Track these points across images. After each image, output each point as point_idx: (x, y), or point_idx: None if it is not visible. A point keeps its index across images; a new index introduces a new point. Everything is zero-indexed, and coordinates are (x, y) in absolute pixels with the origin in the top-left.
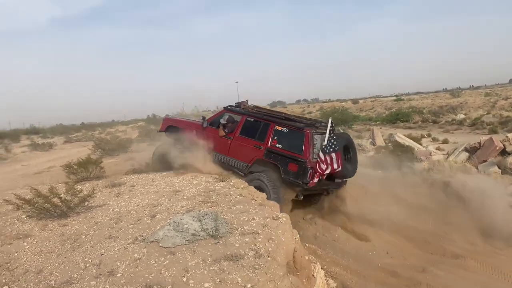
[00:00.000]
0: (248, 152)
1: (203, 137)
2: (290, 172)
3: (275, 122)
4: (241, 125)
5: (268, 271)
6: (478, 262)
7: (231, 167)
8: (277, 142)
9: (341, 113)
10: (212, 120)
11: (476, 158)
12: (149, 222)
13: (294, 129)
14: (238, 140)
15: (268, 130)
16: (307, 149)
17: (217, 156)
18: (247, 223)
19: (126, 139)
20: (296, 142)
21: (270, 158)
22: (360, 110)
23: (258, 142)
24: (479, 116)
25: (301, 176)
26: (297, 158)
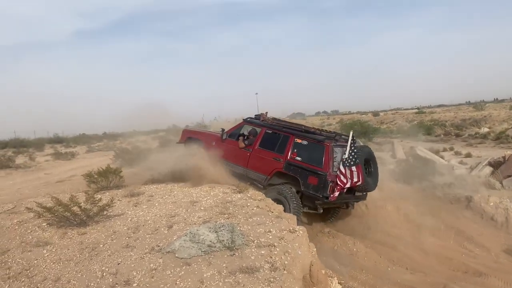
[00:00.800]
0: (267, 164)
1: (222, 148)
2: (310, 185)
3: (294, 134)
4: (261, 137)
5: (283, 284)
6: (502, 280)
7: (250, 179)
8: (297, 154)
9: (361, 125)
10: (231, 132)
11: (500, 172)
12: (166, 233)
13: (314, 142)
14: (257, 152)
15: (287, 142)
16: (327, 162)
17: (236, 168)
18: (264, 235)
19: (146, 149)
20: (316, 155)
21: (290, 171)
22: (381, 122)
23: (277, 155)
24: (504, 129)
25: (321, 189)
26: (317, 171)
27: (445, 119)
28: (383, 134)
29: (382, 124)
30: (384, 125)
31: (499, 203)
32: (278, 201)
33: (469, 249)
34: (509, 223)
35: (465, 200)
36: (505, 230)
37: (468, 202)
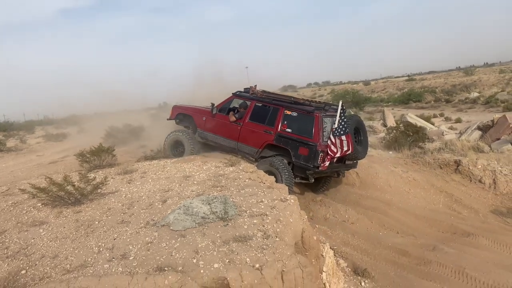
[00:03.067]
0: (258, 137)
1: (213, 123)
2: (301, 156)
3: (284, 106)
4: (251, 111)
5: (276, 251)
6: (490, 239)
7: (241, 152)
8: (287, 126)
9: (352, 95)
10: (221, 106)
11: (489, 136)
12: (160, 207)
13: (303, 113)
14: (247, 125)
15: (277, 115)
16: (317, 132)
17: (227, 142)
18: (256, 205)
19: (138, 127)
20: (306, 126)
21: (281, 143)
22: (372, 91)
23: (268, 127)
24: (493, 94)
25: (312, 159)
26: (308, 142)
27: (435, 86)
28: (374, 103)
29: (373, 93)
30: (375, 94)
31: (487, 165)
32: (270, 173)
33: (458, 211)
34: (497, 184)
35: (454, 164)
36: (493, 192)
37: (457, 166)
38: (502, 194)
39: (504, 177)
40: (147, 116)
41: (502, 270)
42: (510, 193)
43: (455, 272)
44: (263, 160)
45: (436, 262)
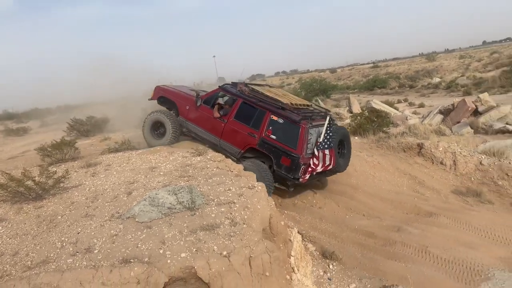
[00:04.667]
0: (241, 138)
1: (196, 114)
2: (282, 165)
3: (271, 111)
4: (236, 109)
5: (243, 237)
6: (450, 218)
7: (223, 150)
8: (272, 132)
9: (319, 83)
10: (206, 97)
11: (450, 119)
12: (125, 199)
13: (290, 122)
14: (232, 124)
15: (263, 118)
16: (301, 144)
17: (209, 136)
18: (224, 193)
19: (102, 119)
20: (291, 135)
21: (264, 149)
22: (338, 79)
23: (252, 130)
24: (454, 78)
25: (293, 171)
26: (291, 153)
27: (399, 72)
28: (340, 90)
29: (340, 80)
30: (341, 81)
31: (448, 147)
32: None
33: (421, 192)
34: (457, 165)
35: (417, 148)
36: (453, 172)
37: (419, 149)
38: (462, 174)
39: (464, 158)
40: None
41: (462, 247)
42: (469, 174)
43: (419, 251)
44: (244, 162)
45: (401, 242)
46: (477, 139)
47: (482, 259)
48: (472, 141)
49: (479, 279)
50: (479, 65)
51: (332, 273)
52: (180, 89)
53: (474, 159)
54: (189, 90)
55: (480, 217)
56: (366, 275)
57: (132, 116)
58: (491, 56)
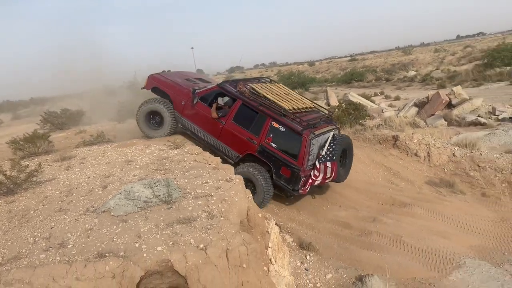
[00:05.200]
0: (240, 143)
1: (193, 111)
2: (282, 176)
3: (272, 117)
4: (235, 110)
5: (220, 230)
6: (424, 208)
7: (220, 152)
8: (272, 140)
9: (297, 76)
10: (202, 95)
11: (424, 112)
12: (100, 193)
13: (292, 131)
14: (230, 126)
15: (263, 124)
16: (303, 156)
17: (206, 136)
18: (201, 186)
19: (77, 111)
20: (293, 145)
21: (263, 157)
22: (316, 72)
23: (252, 135)
24: (429, 72)
25: (293, 183)
26: (291, 164)
27: (376, 65)
28: (318, 83)
29: (318, 73)
30: (319, 74)
31: (422, 139)
32: (248, 180)
33: (396, 183)
34: (430, 157)
35: (392, 140)
36: (427, 164)
37: (395, 141)
38: (435, 165)
39: (437, 150)
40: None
41: (435, 236)
42: (442, 165)
43: (393, 241)
44: (243, 165)
45: (376, 232)
46: (450, 131)
47: (454, 248)
48: (445, 133)
49: (451, 267)
50: (453, 59)
51: (309, 263)
52: (176, 79)
53: (447, 151)
54: (186, 80)
55: (453, 207)
56: (342, 265)
57: (108, 109)
58: (465, 50)
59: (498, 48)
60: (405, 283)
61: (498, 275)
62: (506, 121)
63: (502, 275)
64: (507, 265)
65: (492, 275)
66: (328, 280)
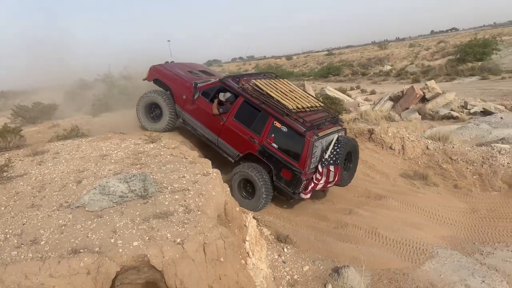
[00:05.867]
0: (241, 141)
1: (194, 106)
2: (282, 178)
3: (274, 116)
4: (237, 108)
5: (197, 224)
6: (399, 201)
7: (220, 149)
8: (274, 140)
9: (275, 70)
10: (204, 89)
11: (399, 106)
12: (74, 188)
13: (294, 132)
14: (231, 123)
15: (265, 123)
16: (305, 158)
17: (206, 133)
18: (178, 181)
19: (50, 105)
20: (295, 147)
21: (264, 157)
22: (294, 66)
23: (253, 134)
24: (404, 66)
25: (294, 186)
26: (293, 166)
27: (352, 60)
28: (296, 77)
29: (295, 67)
30: (297, 68)
31: (396, 133)
32: (247, 180)
33: (371, 176)
34: (405, 150)
35: (368, 133)
36: (402, 157)
37: (370, 134)
38: (410, 158)
39: (411, 143)
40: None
41: (409, 228)
42: (416, 158)
43: (369, 233)
44: (242, 164)
45: (352, 224)
46: (424, 125)
47: (427, 239)
48: (419, 127)
49: (424, 258)
50: (427, 54)
51: (286, 256)
52: (178, 71)
53: (421, 144)
54: (189, 73)
55: (426, 199)
56: (319, 257)
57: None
58: (438, 45)
59: (470, 44)
60: (380, 274)
61: (469, 264)
62: (478, 115)
63: (473, 264)
64: (477, 255)
65: (463, 264)
66: (305, 272)
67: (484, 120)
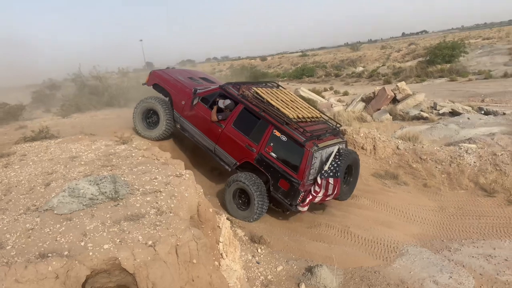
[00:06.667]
0: (238, 150)
1: (192, 112)
2: (280, 188)
3: (274, 125)
4: (236, 115)
5: (170, 226)
6: (370, 200)
7: (217, 157)
8: (273, 149)
9: (250, 70)
10: (203, 96)
11: (371, 107)
12: (42, 191)
13: (294, 142)
14: (230, 131)
15: (264, 131)
16: (303, 169)
17: (204, 140)
18: (149, 182)
19: (17, 106)
20: (294, 157)
21: (262, 166)
22: (269, 67)
23: (251, 142)
24: (376, 68)
25: (291, 197)
26: (291, 177)
27: (326, 61)
28: (271, 78)
29: (270, 68)
30: (271, 69)
31: (368, 133)
32: (243, 190)
33: None
34: (376, 150)
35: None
36: (373, 157)
37: (342, 135)
38: (381, 158)
39: (383, 143)
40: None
41: (380, 226)
42: (387, 158)
43: (341, 232)
44: (238, 174)
45: (325, 224)
46: (395, 125)
47: (398, 237)
48: (390, 127)
49: (395, 255)
50: (399, 56)
51: (260, 256)
52: (178, 77)
53: (392, 144)
54: (189, 79)
55: (397, 198)
56: (292, 256)
57: (51, 102)
58: (409, 47)
59: (439, 46)
60: (352, 272)
61: (437, 260)
62: (446, 116)
63: (441, 261)
64: (446, 251)
65: (432, 261)
66: (279, 272)
67: (452, 120)
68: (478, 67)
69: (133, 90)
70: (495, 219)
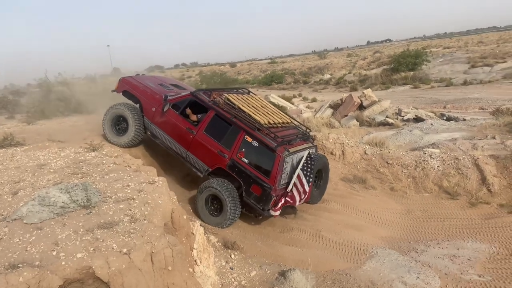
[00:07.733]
0: (210, 156)
1: (163, 118)
2: (252, 194)
3: (245, 131)
4: (207, 121)
5: (144, 233)
6: (340, 204)
7: (189, 163)
8: (244, 155)
9: (220, 76)
10: (174, 102)
11: (338, 113)
12: (10, 200)
13: (265, 147)
14: (201, 137)
15: (236, 137)
16: (275, 174)
17: (175, 146)
18: (122, 190)
19: None
20: (266, 162)
21: (234, 172)
22: (238, 73)
23: (223, 149)
24: (342, 75)
25: (263, 202)
26: (263, 182)
27: (294, 68)
28: (240, 85)
29: (239, 74)
30: (241, 75)
31: (337, 139)
32: (215, 196)
33: None
34: (345, 155)
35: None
36: (342, 162)
37: (312, 140)
38: (349, 163)
39: (351, 148)
40: None
41: (350, 229)
42: (355, 162)
43: (313, 236)
44: (210, 180)
45: (297, 228)
46: (362, 131)
47: (367, 240)
48: (358, 133)
49: (365, 258)
50: (364, 63)
51: (234, 262)
52: (149, 83)
53: (360, 149)
54: (160, 85)
55: (365, 202)
56: (266, 261)
57: (15, 109)
58: (374, 55)
59: (403, 54)
60: (325, 275)
61: (405, 262)
62: (410, 122)
63: (409, 262)
64: (413, 253)
65: (400, 262)
66: (252, 277)
67: (416, 126)
68: (440, 75)
69: (101, 96)
70: (458, 220)
